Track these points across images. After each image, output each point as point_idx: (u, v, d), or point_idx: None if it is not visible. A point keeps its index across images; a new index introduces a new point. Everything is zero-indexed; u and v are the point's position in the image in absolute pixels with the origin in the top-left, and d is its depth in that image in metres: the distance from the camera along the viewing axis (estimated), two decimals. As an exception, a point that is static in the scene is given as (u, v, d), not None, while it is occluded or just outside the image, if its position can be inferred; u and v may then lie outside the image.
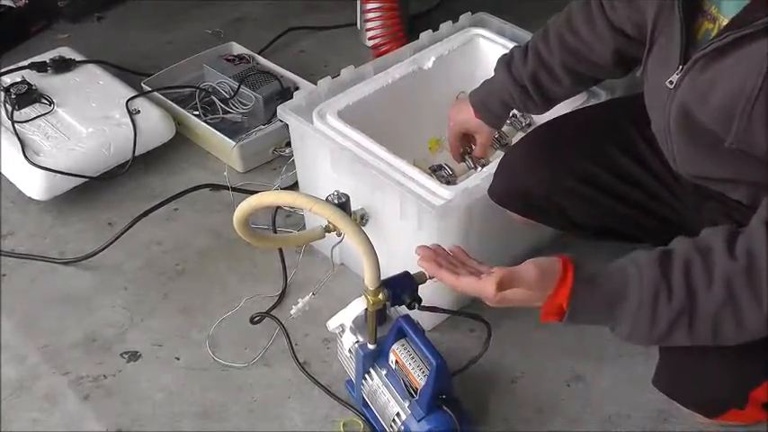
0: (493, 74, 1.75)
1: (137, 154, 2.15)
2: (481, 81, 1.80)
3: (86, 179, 2.09)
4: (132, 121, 2.17)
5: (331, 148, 1.75)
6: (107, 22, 2.89)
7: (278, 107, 1.84)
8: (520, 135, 1.97)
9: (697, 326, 1.16)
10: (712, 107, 1.24)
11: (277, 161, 2.25)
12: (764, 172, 1.23)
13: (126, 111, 2.19)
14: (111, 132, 2.14)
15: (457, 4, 2.87)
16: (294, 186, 2.08)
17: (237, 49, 2.53)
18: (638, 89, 1.50)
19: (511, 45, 1.98)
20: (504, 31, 2.09)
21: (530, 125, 1.99)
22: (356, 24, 2.71)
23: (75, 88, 2.30)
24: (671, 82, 1.30)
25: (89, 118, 2.18)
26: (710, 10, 1.27)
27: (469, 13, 2.12)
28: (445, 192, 1.62)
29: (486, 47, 2.05)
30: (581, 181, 1.55)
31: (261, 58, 2.49)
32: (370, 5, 2.49)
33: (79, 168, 2.07)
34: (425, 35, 2.06)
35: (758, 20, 1.14)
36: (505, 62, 1.71)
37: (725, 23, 1.24)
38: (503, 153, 1.89)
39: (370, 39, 2.54)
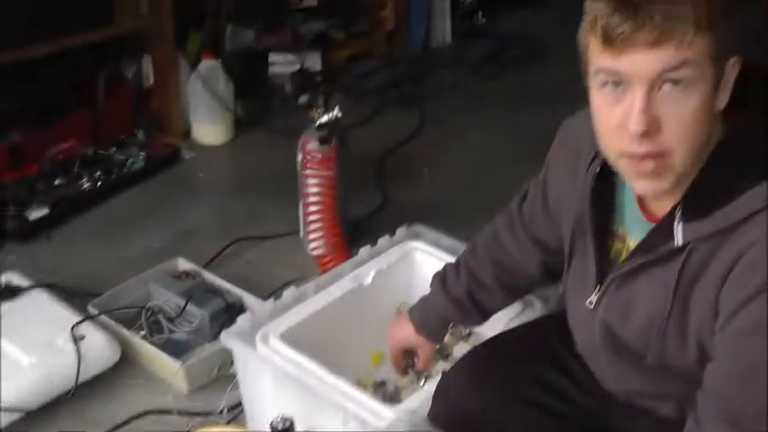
0: (429, 289, 1.80)
1: (80, 381, 2.14)
2: (419, 293, 1.85)
3: (24, 414, 2.06)
4: (77, 347, 2.16)
5: (274, 373, 1.77)
6: (56, 241, 2.91)
7: (222, 333, 1.87)
8: (461, 344, 2.02)
9: None
10: (632, 326, 1.29)
11: (223, 380, 2.24)
12: (686, 387, 1.27)
13: (71, 337, 2.19)
14: (54, 361, 2.13)
15: (395, 207, 3.00)
16: (239, 406, 2.08)
17: (183, 264, 2.58)
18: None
19: (446, 256, 2.07)
20: (439, 243, 2.17)
21: (470, 334, 2.04)
22: (299, 233, 2.78)
23: (20, 316, 2.30)
24: (591, 302, 1.36)
25: (33, 347, 2.16)
26: (619, 232, 1.35)
27: (405, 226, 2.20)
28: (388, 412, 1.64)
29: (423, 259, 2.12)
30: (518, 402, 1.57)
31: (207, 273, 2.53)
32: (311, 217, 2.57)
33: (19, 401, 2.04)
34: (364, 250, 2.13)
35: (659, 247, 1.22)
36: (440, 279, 1.77)
37: (632, 246, 1.31)
38: (445, 364, 1.93)
39: (312, 249, 2.60)
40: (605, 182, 1.34)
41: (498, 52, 4.52)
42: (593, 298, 1.35)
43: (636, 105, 1.13)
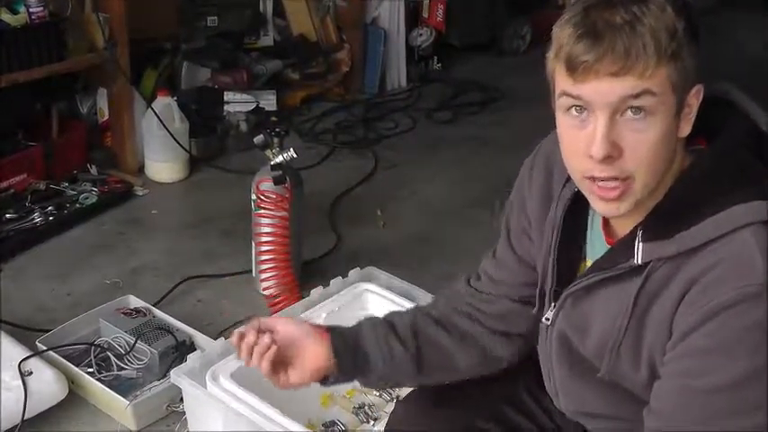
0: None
1: (27, 417, 2.12)
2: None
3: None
4: (24, 383, 2.14)
5: (223, 413, 1.78)
6: (6, 275, 2.88)
7: (171, 371, 1.88)
8: (391, 406, 2.02)
9: None
10: (590, 340, 1.33)
11: (171, 417, 2.24)
12: (637, 409, 1.30)
13: (18, 372, 2.17)
14: (0, 397, 2.11)
15: (348, 249, 3.03)
16: (188, 445, 2.08)
17: (134, 301, 2.57)
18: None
19: (398, 299, 2.09)
20: (392, 286, 2.20)
21: (398, 397, 2.06)
22: (251, 272, 2.79)
23: (-34, 351, 2.28)
24: (547, 318, 1.39)
25: (-21, 382, 2.16)
26: (584, 252, 1.38)
27: (358, 268, 2.23)
28: (336, 453, 1.66)
29: (375, 302, 2.15)
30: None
31: (157, 311, 2.53)
32: (264, 257, 2.59)
33: (-35, 437, 2.03)
34: (316, 291, 2.16)
35: (619, 264, 1.26)
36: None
37: (590, 264, 1.34)
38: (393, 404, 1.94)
39: (264, 289, 2.62)
40: (579, 204, 1.36)
41: (452, 97, 4.62)
42: (550, 314, 1.39)
43: (598, 131, 1.16)
